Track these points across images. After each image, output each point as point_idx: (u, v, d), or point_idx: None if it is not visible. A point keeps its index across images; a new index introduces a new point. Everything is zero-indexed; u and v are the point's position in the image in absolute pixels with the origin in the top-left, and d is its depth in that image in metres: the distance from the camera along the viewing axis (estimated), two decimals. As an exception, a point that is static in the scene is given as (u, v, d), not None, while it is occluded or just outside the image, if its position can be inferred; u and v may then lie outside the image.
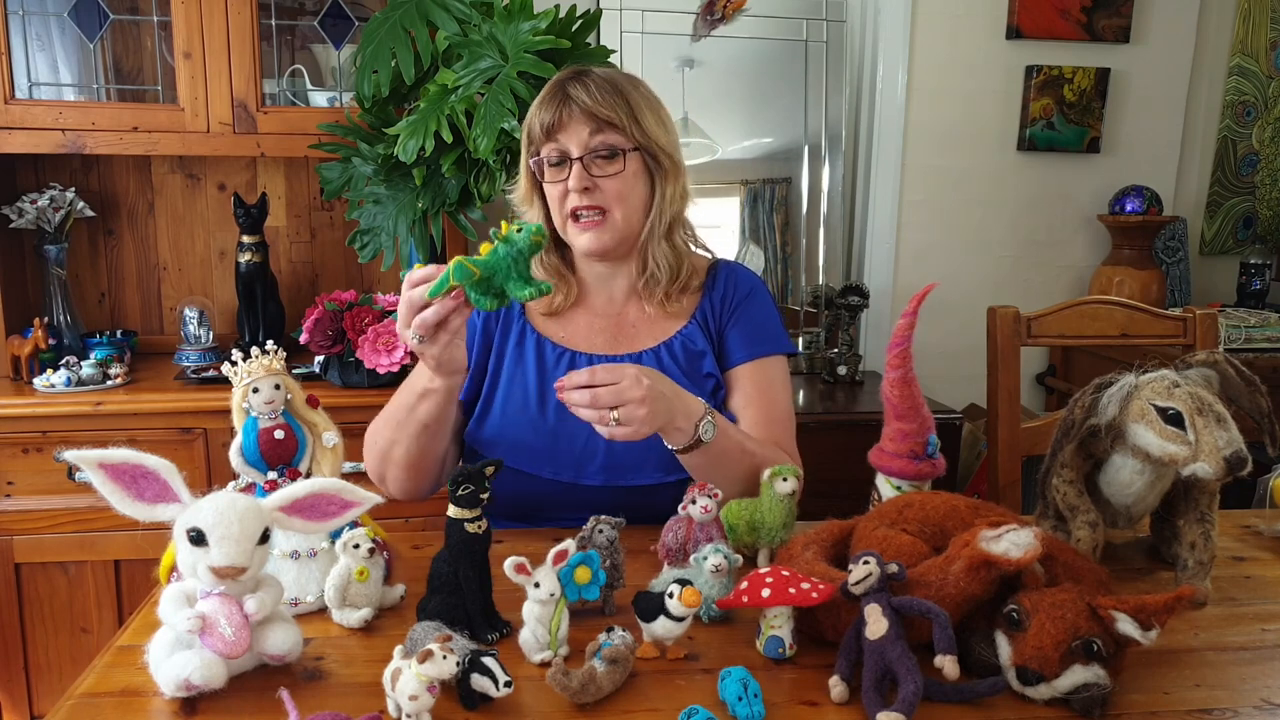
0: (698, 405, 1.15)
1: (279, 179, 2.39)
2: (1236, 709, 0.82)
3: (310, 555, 0.98)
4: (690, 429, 1.13)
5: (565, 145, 1.24)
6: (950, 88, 2.62)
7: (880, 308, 2.63)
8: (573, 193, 1.24)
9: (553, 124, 1.23)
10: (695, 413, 1.14)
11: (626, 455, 1.26)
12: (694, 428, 1.13)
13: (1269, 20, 2.78)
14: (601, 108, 1.23)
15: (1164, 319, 1.69)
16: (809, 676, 0.85)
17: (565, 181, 1.24)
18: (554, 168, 1.25)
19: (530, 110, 1.28)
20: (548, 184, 1.27)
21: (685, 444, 1.14)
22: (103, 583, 1.98)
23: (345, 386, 2.01)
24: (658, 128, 1.28)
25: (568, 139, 1.24)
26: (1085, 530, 1.02)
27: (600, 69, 1.29)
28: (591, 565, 0.93)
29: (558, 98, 1.24)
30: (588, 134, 1.23)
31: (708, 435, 1.14)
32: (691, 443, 1.14)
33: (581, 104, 1.22)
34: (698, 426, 1.13)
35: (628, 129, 1.24)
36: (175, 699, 0.79)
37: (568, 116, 1.23)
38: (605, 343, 1.33)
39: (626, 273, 1.35)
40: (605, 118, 1.23)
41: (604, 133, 1.23)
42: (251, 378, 0.97)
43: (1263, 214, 2.91)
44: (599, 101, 1.23)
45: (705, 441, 1.14)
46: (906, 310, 1.11)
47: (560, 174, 1.25)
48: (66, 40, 2.21)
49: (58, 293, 2.18)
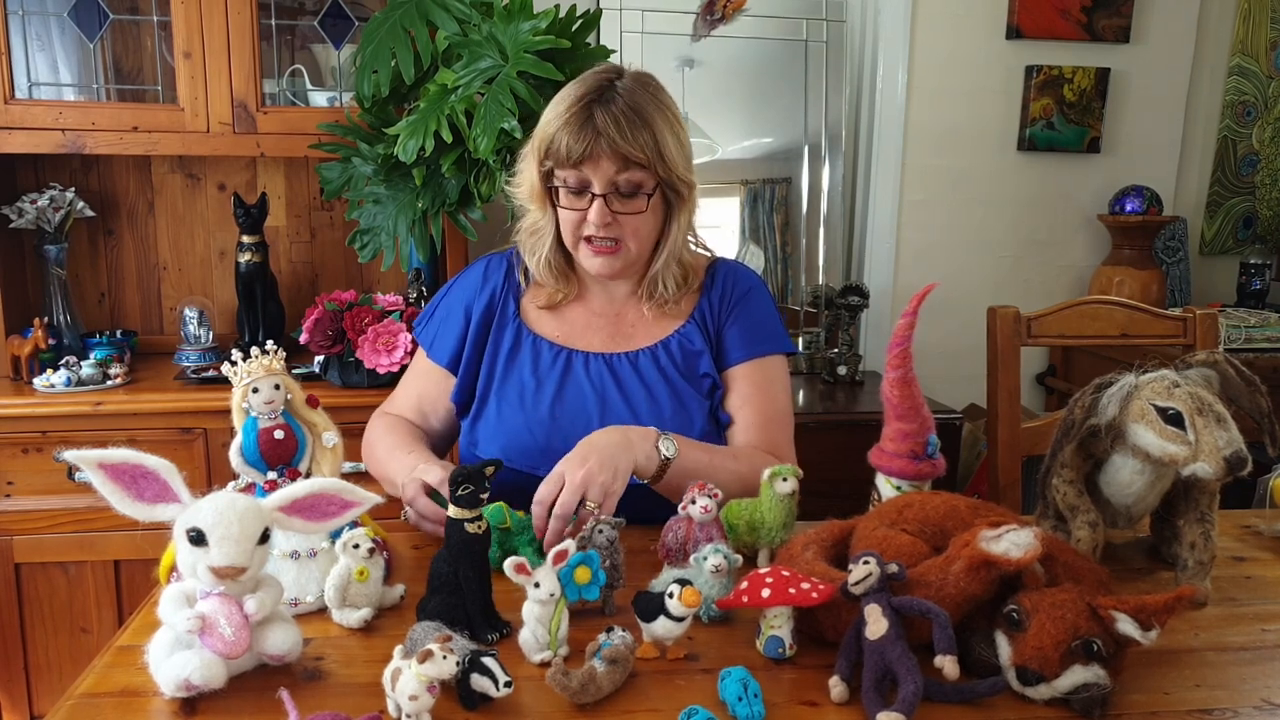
0: (650, 431, 1.17)
1: (279, 179, 2.39)
2: (1236, 709, 0.82)
3: (310, 555, 0.98)
4: (654, 452, 1.15)
5: (589, 177, 1.21)
6: (950, 88, 2.62)
7: (880, 308, 2.63)
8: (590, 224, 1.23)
9: (580, 156, 1.19)
10: (650, 436, 1.16)
11: None
12: (655, 450, 1.15)
13: (1269, 20, 2.78)
14: (632, 147, 1.19)
15: (1164, 319, 1.69)
16: (809, 676, 0.85)
17: (584, 211, 1.23)
18: (573, 194, 1.23)
19: (551, 121, 1.22)
20: (563, 207, 1.25)
21: (653, 473, 1.15)
22: (103, 583, 1.98)
23: (345, 386, 2.00)
24: (678, 155, 1.24)
25: (593, 172, 1.21)
26: (1085, 530, 1.02)
27: (625, 84, 1.24)
28: (591, 565, 0.93)
29: (587, 129, 1.19)
30: (614, 171, 1.20)
31: (668, 450, 1.15)
32: (660, 465, 1.15)
33: (610, 141, 1.18)
34: (658, 448, 1.15)
35: (653, 165, 1.21)
36: (175, 699, 0.79)
37: (596, 152, 1.19)
38: (603, 341, 1.33)
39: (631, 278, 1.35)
40: (635, 159, 1.19)
41: (629, 171, 1.21)
42: (251, 378, 0.97)
43: (1263, 214, 2.91)
44: (629, 140, 1.19)
45: (670, 457, 1.15)
46: (906, 310, 1.11)
47: (579, 202, 1.23)
48: (66, 40, 2.21)
49: (58, 293, 2.18)
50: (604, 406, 1.29)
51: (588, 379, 1.30)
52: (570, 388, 1.30)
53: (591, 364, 1.31)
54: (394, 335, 1.94)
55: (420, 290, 2.22)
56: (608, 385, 1.30)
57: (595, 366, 1.31)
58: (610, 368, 1.31)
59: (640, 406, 1.28)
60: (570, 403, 1.29)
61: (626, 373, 1.31)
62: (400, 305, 2.03)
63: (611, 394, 1.29)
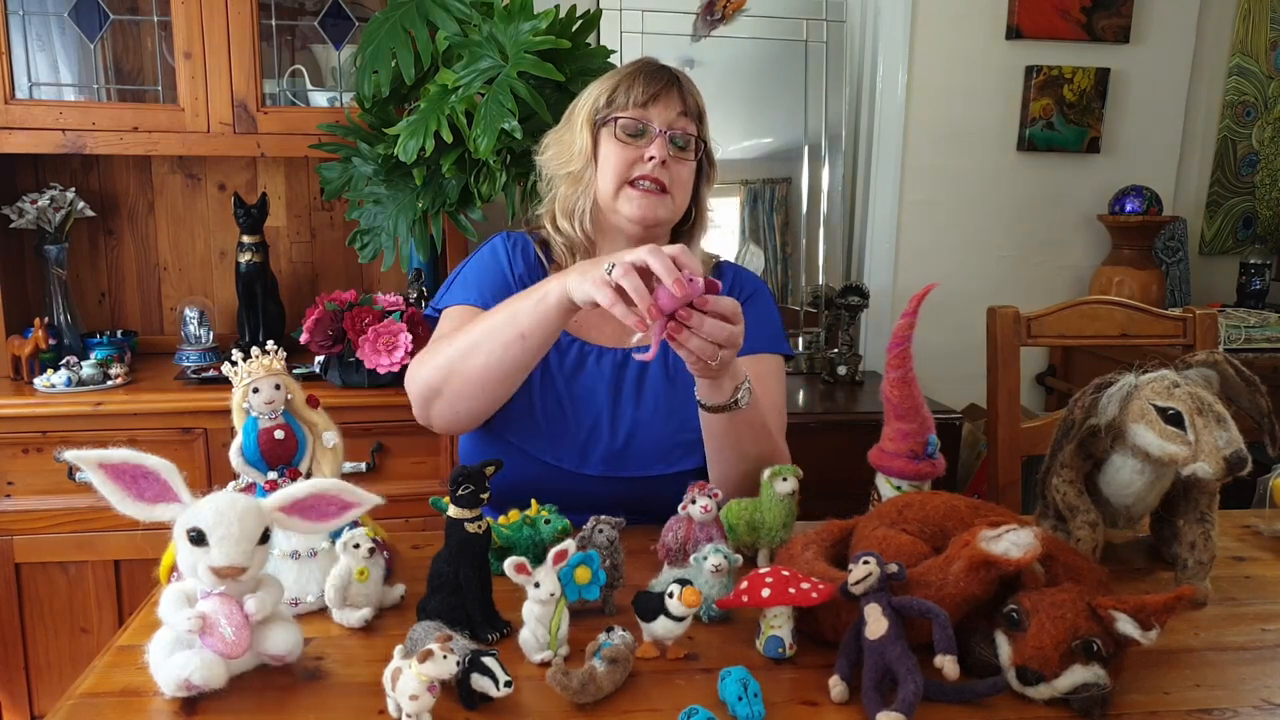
0: (741, 370, 1.15)
1: (279, 179, 2.39)
2: (1236, 709, 0.82)
3: (310, 555, 0.98)
4: (730, 390, 1.13)
5: (650, 119, 1.26)
6: (950, 88, 2.62)
7: (880, 308, 2.63)
8: (647, 162, 1.25)
9: (653, 94, 1.26)
10: (739, 375, 1.14)
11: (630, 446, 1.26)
12: (734, 389, 1.13)
13: (1269, 20, 2.78)
14: (695, 97, 1.30)
15: (1164, 319, 1.69)
16: (809, 676, 0.85)
17: (642, 150, 1.25)
18: (630, 136, 1.27)
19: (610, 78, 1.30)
20: (619, 147, 1.26)
21: (721, 403, 1.13)
22: (103, 583, 1.98)
23: (345, 386, 2.00)
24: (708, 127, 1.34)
25: (658, 114, 1.26)
26: (1085, 530, 1.02)
27: None
28: (591, 565, 0.93)
29: (660, 73, 1.28)
30: (676, 113, 1.27)
31: (744, 401, 1.14)
32: (728, 403, 1.13)
33: (680, 84, 1.28)
34: (738, 389, 1.13)
35: (703, 121, 1.31)
36: (175, 699, 0.79)
37: (666, 93, 1.27)
38: (613, 334, 1.32)
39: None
40: (694, 107, 1.29)
41: (688, 120, 1.28)
42: (251, 378, 0.97)
43: (1263, 214, 2.91)
44: (692, 88, 1.30)
45: (741, 407, 1.14)
46: (906, 310, 1.11)
47: (637, 142, 1.26)
48: (66, 40, 2.21)
49: (58, 293, 2.18)
50: (615, 402, 1.28)
51: (599, 373, 1.30)
52: (581, 381, 1.29)
53: (604, 358, 1.31)
54: (394, 335, 1.94)
55: (420, 290, 2.22)
56: (618, 381, 1.30)
57: (607, 360, 1.31)
58: (621, 363, 1.31)
59: (649, 404, 1.28)
60: (581, 396, 1.28)
61: (636, 367, 1.30)
62: (400, 305, 2.03)
63: (622, 389, 1.29)
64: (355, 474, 1.96)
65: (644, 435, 1.27)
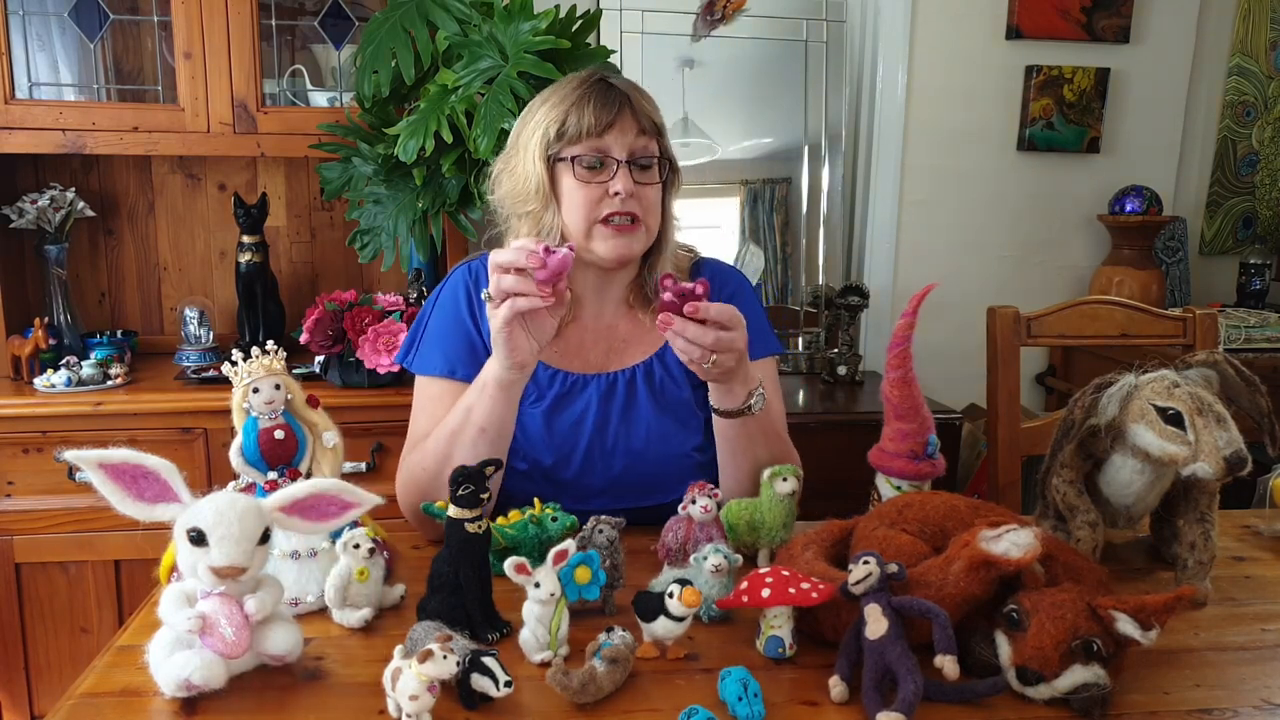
0: (754, 375, 1.14)
1: (279, 179, 2.39)
2: (1236, 709, 0.82)
3: (310, 555, 0.98)
4: (742, 395, 1.13)
5: (609, 147, 1.18)
6: (950, 88, 2.62)
7: (880, 308, 2.63)
8: (614, 198, 1.17)
9: (607, 122, 1.17)
10: (752, 380, 1.14)
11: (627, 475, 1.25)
12: (746, 395, 1.13)
13: (1269, 20, 2.78)
14: (651, 110, 1.21)
15: (1164, 319, 1.69)
16: (809, 676, 0.85)
17: (605, 184, 1.17)
18: (589, 171, 1.18)
19: (555, 106, 1.20)
20: (580, 185, 1.18)
21: (734, 408, 1.13)
22: (103, 583, 1.98)
23: (345, 386, 2.00)
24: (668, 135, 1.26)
25: (615, 141, 1.18)
26: (1085, 530, 1.02)
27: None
28: (591, 565, 0.93)
29: (611, 96, 1.18)
30: (633, 136, 1.19)
31: (758, 406, 1.13)
32: (740, 408, 1.13)
33: (633, 104, 1.19)
34: (751, 394, 1.13)
35: (664, 137, 1.23)
36: (175, 699, 0.79)
37: (621, 118, 1.18)
38: (598, 359, 1.29)
39: (621, 281, 1.30)
40: (650, 124, 1.20)
41: (647, 138, 1.20)
42: (252, 378, 0.97)
43: (1262, 214, 2.91)
44: (647, 103, 1.21)
45: (754, 412, 1.14)
46: (906, 310, 1.11)
47: (598, 177, 1.18)
48: (66, 40, 2.21)
49: (58, 293, 2.18)
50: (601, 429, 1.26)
51: (584, 402, 1.27)
52: (566, 412, 1.26)
53: (589, 385, 1.27)
54: (394, 335, 1.94)
55: (420, 290, 2.22)
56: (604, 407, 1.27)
57: (591, 388, 1.27)
58: (606, 389, 1.27)
59: (637, 428, 1.26)
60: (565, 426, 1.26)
61: (623, 394, 1.27)
62: (400, 305, 2.03)
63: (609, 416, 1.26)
64: (355, 474, 1.96)
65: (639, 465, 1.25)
